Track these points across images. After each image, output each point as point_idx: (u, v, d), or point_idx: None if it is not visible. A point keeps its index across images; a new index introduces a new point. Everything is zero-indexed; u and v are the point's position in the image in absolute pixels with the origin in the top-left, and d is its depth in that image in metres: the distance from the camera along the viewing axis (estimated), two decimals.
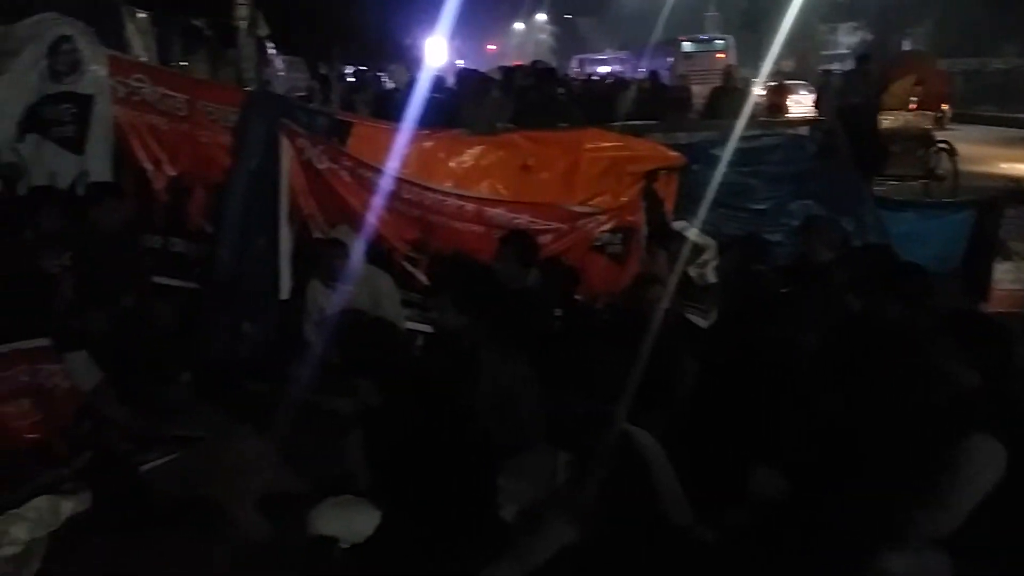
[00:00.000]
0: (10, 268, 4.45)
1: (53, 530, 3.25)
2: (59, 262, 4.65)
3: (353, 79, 18.74)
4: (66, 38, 5.55)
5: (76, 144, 5.54)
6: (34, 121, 5.50)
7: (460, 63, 26.66)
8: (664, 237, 5.29)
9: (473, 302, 4.04)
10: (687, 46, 23.53)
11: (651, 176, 5.49)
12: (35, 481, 3.52)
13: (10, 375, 3.88)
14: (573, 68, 29.02)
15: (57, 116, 5.53)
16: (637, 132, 6.17)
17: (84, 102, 5.55)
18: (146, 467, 3.77)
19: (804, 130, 6.25)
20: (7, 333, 4.00)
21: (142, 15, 11.05)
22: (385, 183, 5.12)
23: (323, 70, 16.99)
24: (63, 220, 4.75)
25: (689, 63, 21.68)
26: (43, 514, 3.28)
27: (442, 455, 3.07)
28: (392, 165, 5.20)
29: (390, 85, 18.23)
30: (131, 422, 4.15)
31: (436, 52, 18.64)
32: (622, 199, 5.47)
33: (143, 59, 8.23)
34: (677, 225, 5.38)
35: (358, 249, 4.90)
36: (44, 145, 5.51)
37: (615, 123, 7.44)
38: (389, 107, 9.64)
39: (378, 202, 5.12)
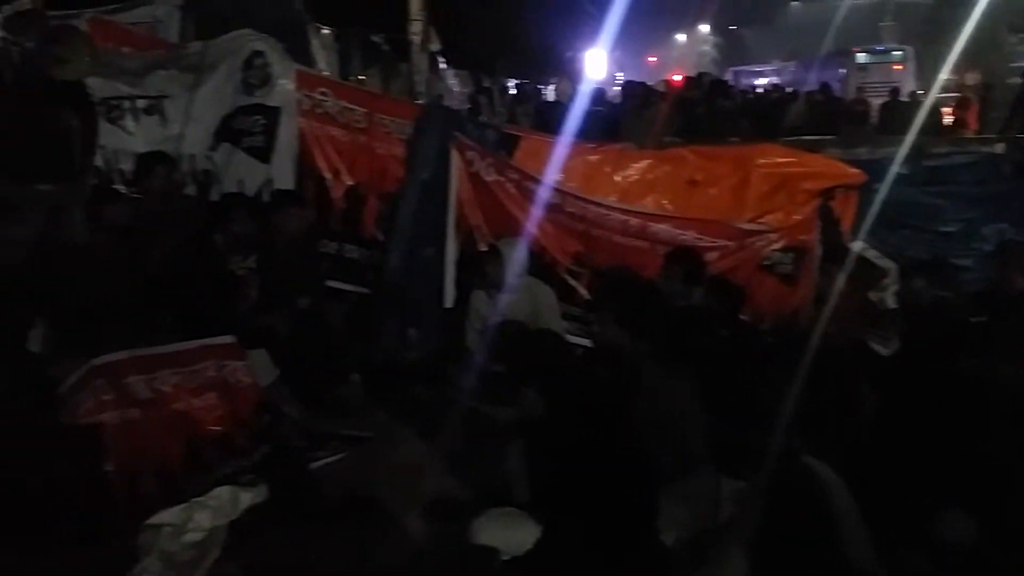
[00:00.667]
0: (202, 269, 4.76)
1: (232, 520, 3.39)
2: (245, 264, 4.91)
3: (515, 91, 18.99)
4: (259, 53, 5.88)
5: (264, 153, 5.83)
6: (227, 131, 5.83)
7: (620, 75, 26.53)
8: (840, 258, 5.03)
9: (636, 318, 3.97)
10: (861, 57, 22.27)
11: (827, 194, 5.24)
12: (217, 471, 3.65)
13: (199, 370, 4.01)
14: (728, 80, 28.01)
15: (248, 127, 5.84)
16: (813, 147, 5.92)
17: (273, 114, 5.84)
18: (316, 464, 3.88)
19: (1000, 148, 5.82)
20: (197, 329, 4.21)
21: (326, 31, 11.65)
22: (550, 196, 5.14)
23: (487, 83, 17.33)
24: (250, 225, 4.98)
25: (863, 75, 20.60)
26: (224, 504, 3.39)
27: (603, 471, 3.03)
28: (557, 178, 5.22)
29: (551, 98, 18.35)
30: (304, 419, 4.32)
31: (596, 64, 18.67)
32: (795, 217, 5.25)
33: (326, 73, 8.64)
34: (855, 246, 5.10)
35: (521, 261, 4.94)
36: (235, 154, 5.82)
37: (787, 138, 7.17)
38: (550, 119, 9.71)
39: (542, 215, 5.16)
